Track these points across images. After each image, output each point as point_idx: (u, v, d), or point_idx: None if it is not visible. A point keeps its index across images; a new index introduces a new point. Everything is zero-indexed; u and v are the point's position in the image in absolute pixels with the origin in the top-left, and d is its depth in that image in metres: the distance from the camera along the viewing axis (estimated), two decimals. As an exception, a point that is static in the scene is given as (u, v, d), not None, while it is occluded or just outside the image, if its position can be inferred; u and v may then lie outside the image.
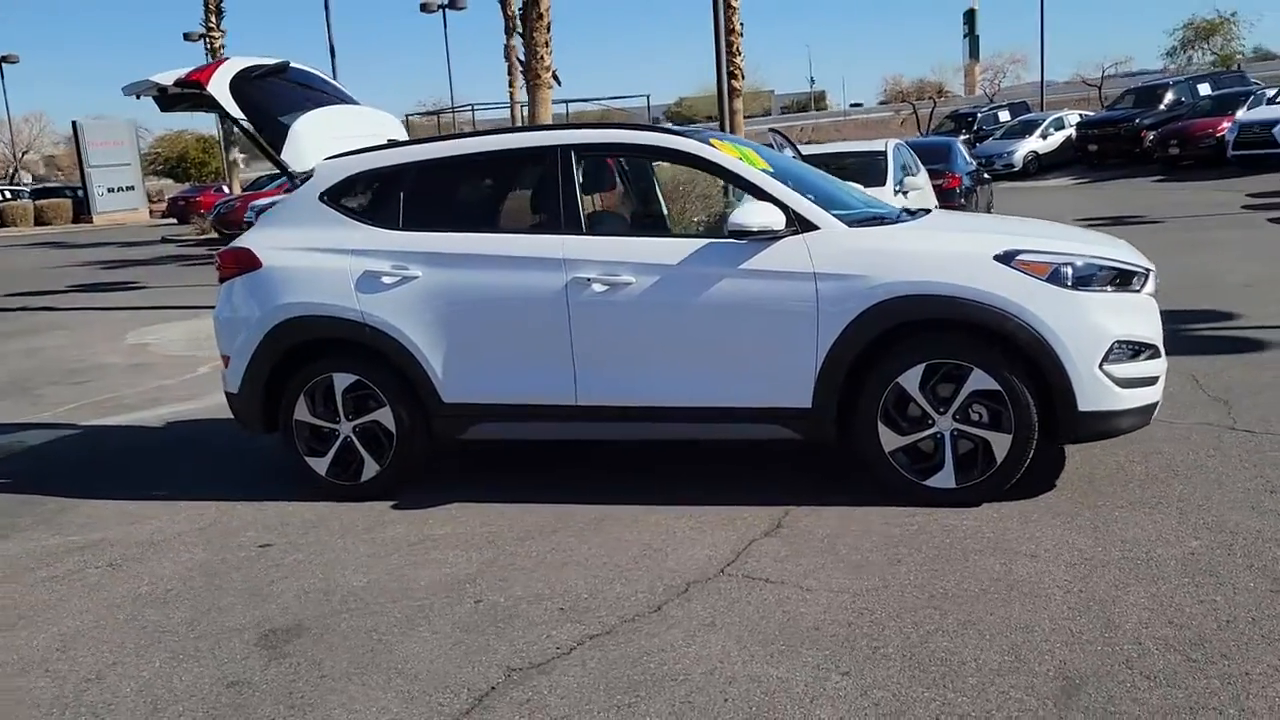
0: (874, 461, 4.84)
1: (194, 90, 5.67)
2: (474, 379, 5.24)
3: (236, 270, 5.61)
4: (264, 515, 5.38)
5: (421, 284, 5.24)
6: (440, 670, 3.59)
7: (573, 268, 5.03)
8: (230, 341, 5.67)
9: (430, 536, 4.90)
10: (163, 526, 5.35)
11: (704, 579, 4.17)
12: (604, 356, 5.05)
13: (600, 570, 4.33)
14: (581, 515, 5.00)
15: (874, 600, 3.87)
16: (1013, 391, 4.60)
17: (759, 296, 4.84)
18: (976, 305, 4.59)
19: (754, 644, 3.60)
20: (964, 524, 4.54)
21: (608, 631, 3.78)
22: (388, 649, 3.78)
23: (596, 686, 3.39)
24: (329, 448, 5.51)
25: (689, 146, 5.15)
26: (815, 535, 4.54)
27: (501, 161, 5.49)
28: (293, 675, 3.64)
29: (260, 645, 3.90)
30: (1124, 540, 4.24)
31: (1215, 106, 26.77)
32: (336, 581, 4.45)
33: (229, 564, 4.75)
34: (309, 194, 5.62)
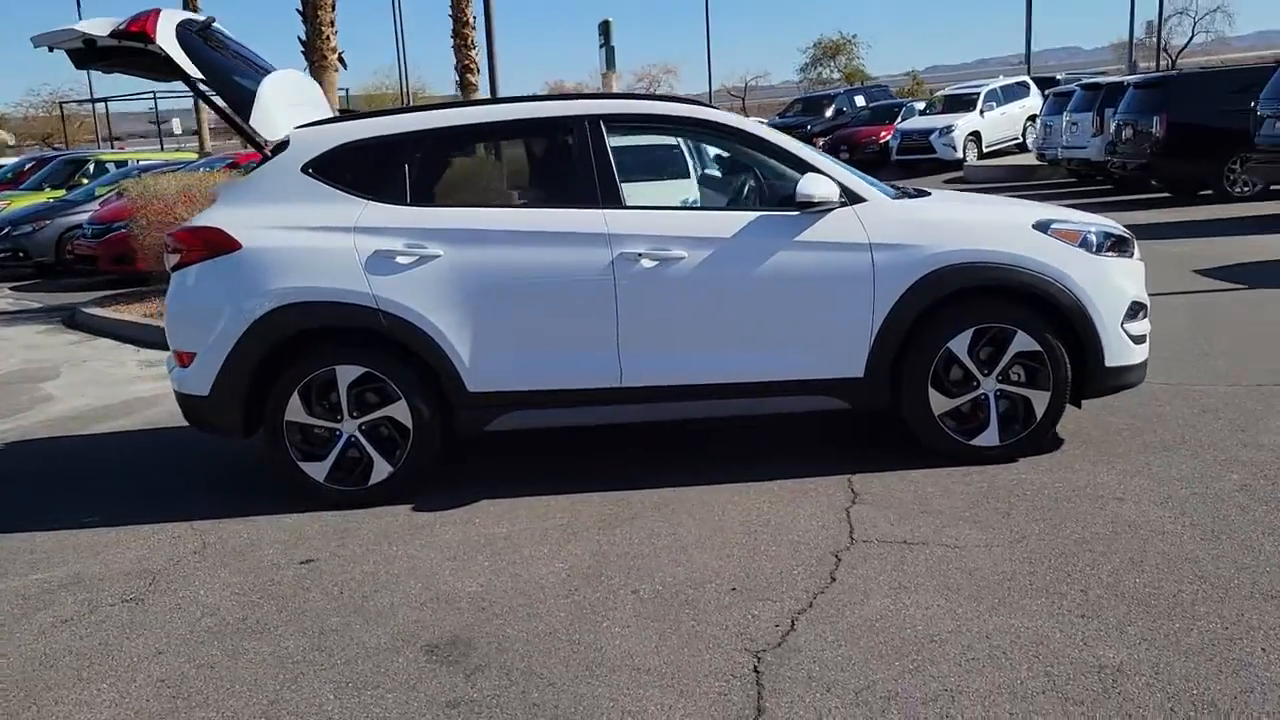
0: (923, 425, 4.99)
1: (136, 43, 4.85)
2: (504, 365, 4.87)
3: (204, 253, 4.86)
4: (264, 531, 4.72)
5: (444, 264, 4.79)
6: (682, 661, 3.33)
7: (619, 243, 4.80)
8: (194, 336, 4.91)
9: (494, 535, 4.51)
10: (145, 554, 4.56)
11: (843, 548, 4.14)
12: (652, 335, 4.86)
13: (731, 551, 4.18)
14: (636, 501, 4.79)
15: (1027, 550, 4.01)
16: (1052, 351, 4.91)
17: (816, 268, 4.85)
18: (1024, 271, 4.86)
19: (962, 600, 3.63)
20: (1025, 477, 4.79)
21: (811, 606, 3.66)
22: (594, 647, 3.46)
23: (857, 659, 3.29)
24: (329, 450, 4.91)
25: (731, 120, 5.08)
26: (901, 499, 4.62)
27: (526, 131, 5.13)
28: (507, 683, 3.26)
29: (436, 661, 3.44)
30: (1178, 479, 4.65)
31: (873, 116, 29.49)
32: (445, 588, 4.00)
33: (283, 584, 4.13)
34: (288, 166, 4.98)
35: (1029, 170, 22.69)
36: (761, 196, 5.26)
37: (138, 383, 8.25)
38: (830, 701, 3.05)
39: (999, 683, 3.09)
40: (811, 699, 3.07)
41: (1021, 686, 3.06)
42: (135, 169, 17.28)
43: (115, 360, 9.26)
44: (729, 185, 6.30)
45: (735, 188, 5.87)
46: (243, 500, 5.12)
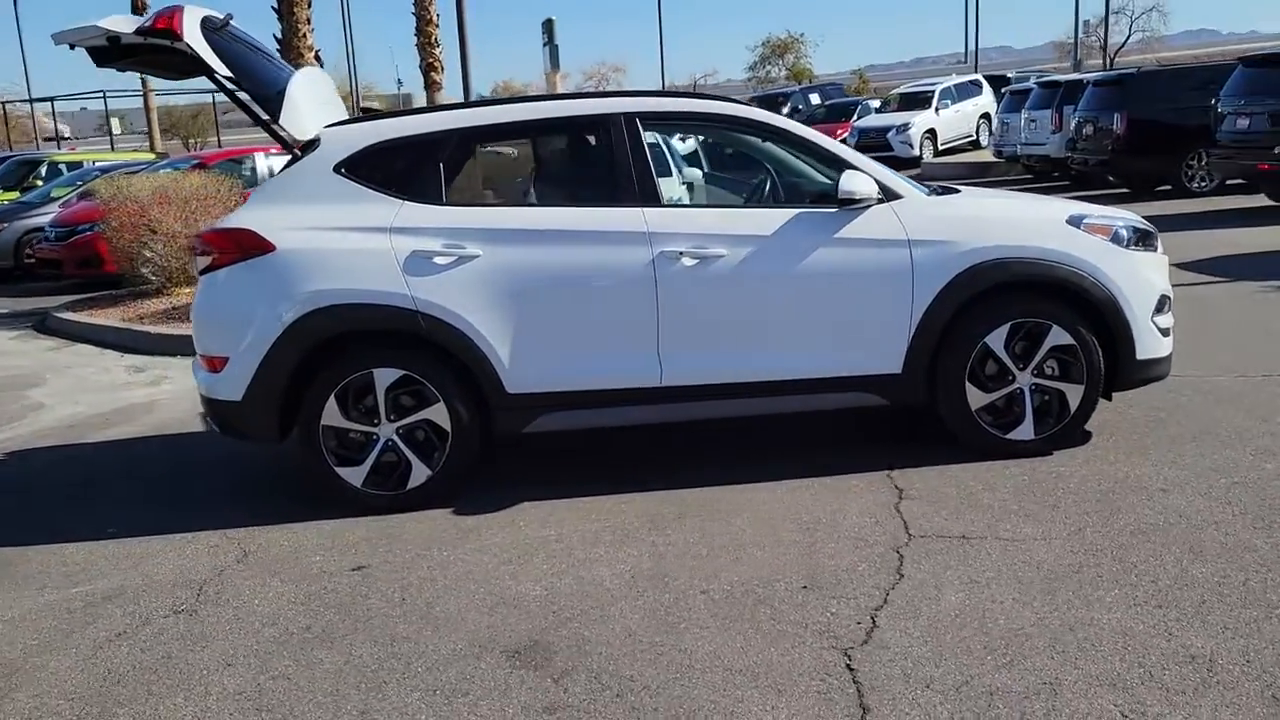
0: (960, 420, 5.02)
1: (162, 41, 4.73)
2: (543, 366, 4.82)
3: (236, 255, 4.76)
4: (303, 538, 4.63)
5: (483, 264, 4.74)
6: (772, 661, 3.32)
7: (659, 241, 4.78)
8: (226, 340, 4.81)
9: (544, 537, 4.46)
10: (186, 564, 4.46)
11: (902, 544, 4.15)
12: (693, 334, 4.84)
13: (790, 549, 4.18)
14: (680, 500, 4.77)
15: (1085, 542, 4.05)
16: (1085, 345, 4.96)
17: (856, 264, 4.86)
18: (1060, 266, 4.91)
19: (1035, 594, 3.65)
20: (1064, 470, 4.84)
21: (886, 602, 3.67)
22: (678, 649, 3.43)
23: (947, 654, 3.30)
24: (366, 455, 4.83)
25: (772, 118, 5.08)
26: (946, 494, 4.64)
27: (562, 129, 5.08)
28: (599, 687, 3.22)
29: (521, 666, 3.39)
30: (1214, 469, 4.72)
31: (829, 114, 29.71)
32: (508, 592, 3.95)
33: (340, 591, 4.06)
34: (319, 166, 4.89)
35: (986, 167, 23.00)
36: (773, 195, 5.26)
37: (130, 389, 8.07)
38: (932, 698, 3.05)
39: (1095, 674, 3.11)
40: (913, 696, 3.07)
41: (1119, 678, 3.09)
42: (94, 170, 16.90)
43: (100, 366, 9.04)
44: (715, 184, 6.30)
45: (724, 186, 5.88)
46: (272, 506, 5.02)
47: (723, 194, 5.45)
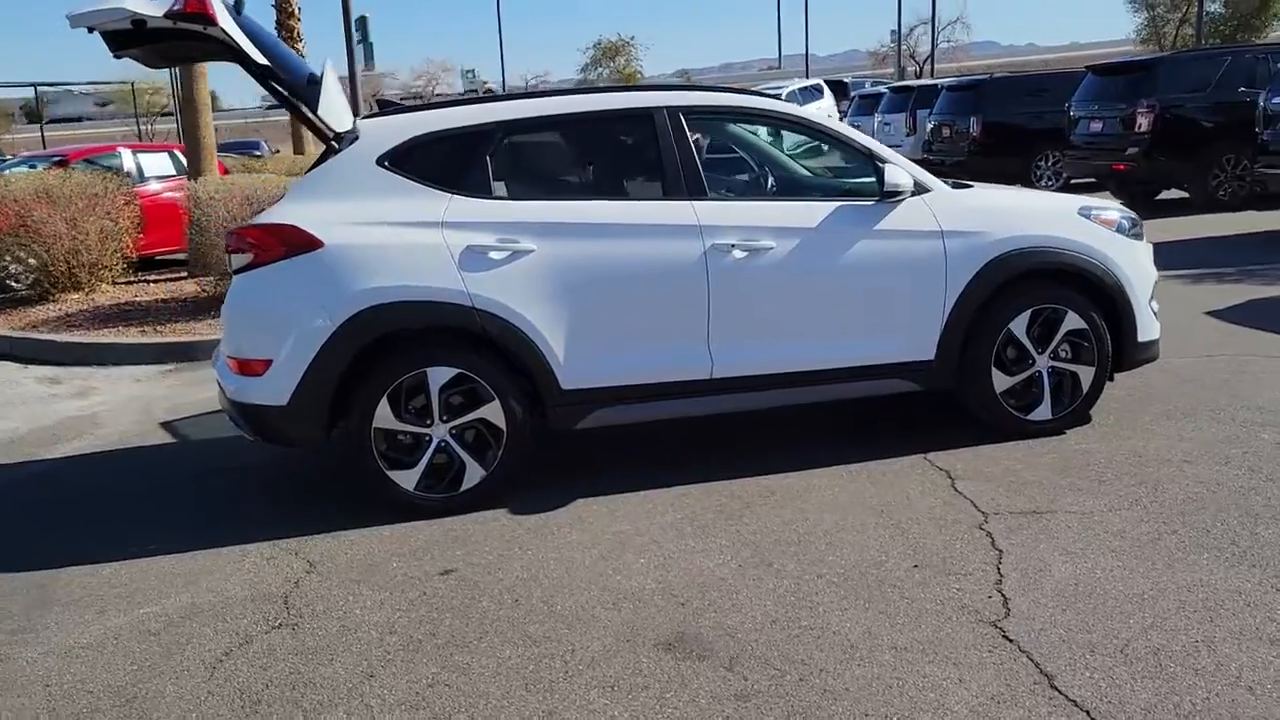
0: (986, 402, 5.25)
1: (193, 26, 4.46)
2: (598, 361, 4.79)
3: (281, 252, 4.53)
4: (367, 545, 4.46)
5: (537, 258, 4.67)
6: (930, 637, 3.42)
7: (711, 234, 4.82)
8: (269, 342, 4.57)
9: (622, 532, 4.44)
10: (253, 578, 4.23)
11: (981, 522, 4.32)
12: (743, 325, 4.90)
13: (876, 532, 4.28)
14: (738, 491, 4.82)
15: (1147, 512, 4.32)
16: (1096, 328, 5.28)
17: (896, 255, 5.03)
18: (1076, 255, 5.20)
19: (1133, 562, 3.87)
20: (1085, 447, 5.13)
21: (1002, 577, 3.82)
22: (831, 630, 3.49)
23: (1092, 621, 3.47)
24: (419, 457, 4.68)
25: (806, 114, 5.18)
26: (992, 473, 4.85)
27: (605, 122, 5.03)
28: (778, 673, 3.24)
29: (685, 657, 3.38)
30: (1219, 440, 5.10)
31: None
32: (621, 587, 3.91)
33: (442, 596, 3.93)
34: (362, 158, 4.71)
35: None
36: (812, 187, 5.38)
37: (56, 401, 7.51)
38: (1103, 660, 3.21)
39: (1237, 630, 3.34)
40: (1085, 660, 3.22)
41: (1260, 631, 3.32)
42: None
43: (5, 379, 8.35)
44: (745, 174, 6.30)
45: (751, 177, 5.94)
46: (311, 513, 4.81)
47: (753, 185, 5.51)
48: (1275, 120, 11.58)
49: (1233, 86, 14.10)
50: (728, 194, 5.08)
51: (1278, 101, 11.56)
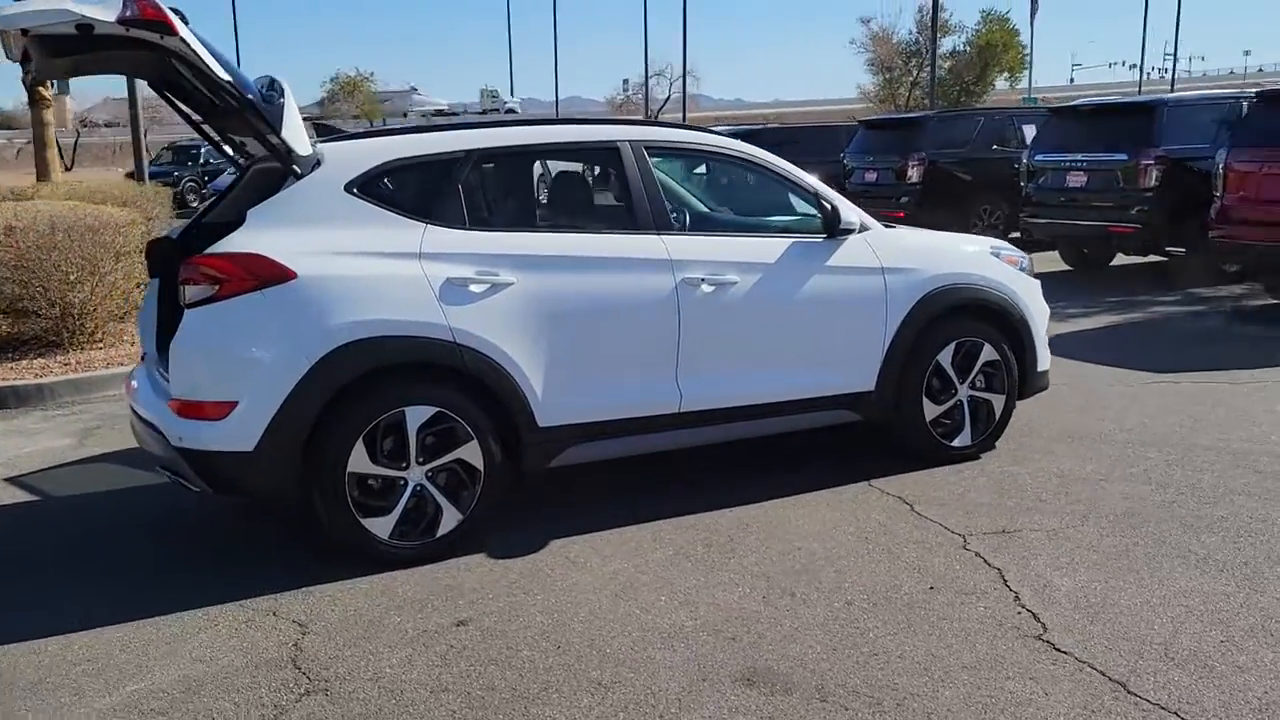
0: (915, 430, 5.52)
1: (148, 34, 4.03)
2: (573, 397, 4.68)
3: (250, 284, 4.16)
4: (354, 601, 4.13)
5: (516, 292, 4.53)
6: (991, 654, 3.55)
7: (681, 268, 4.84)
8: (233, 382, 4.18)
9: (622, 571, 4.34)
10: (245, 644, 3.82)
11: (962, 545, 4.53)
12: (708, 359, 4.94)
13: (872, 558, 4.40)
14: (712, 525, 4.81)
15: (1104, 528, 4.67)
16: (1006, 359, 5.68)
17: (844, 290, 5.22)
18: (992, 291, 5.59)
19: (1127, 574, 4.17)
20: (1008, 470, 5.48)
21: (1017, 595, 4.03)
22: (897, 654, 3.56)
23: (1124, 627, 3.72)
24: (394, 502, 4.40)
25: (757, 152, 5.30)
26: (939, 497, 5.10)
27: (574, 154, 4.95)
28: (873, 701, 3.28)
29: (774, 691, 3.35)
30: (1116, 460, 5.57)
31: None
32: (660, 627, 3.82)
33: (474, 648, 3.71)
34: (329, 185, 4.41)
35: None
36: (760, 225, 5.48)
37: None
38: (1159, 665, 3.45)
39: (1248, 629, 3.67)
40: (1142, 665, 3.45)
41: (1267, 629, 3.67)
42: None
43: None
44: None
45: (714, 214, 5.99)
46: (265, 569, 4.42)
47: (716, 222, 5.55)
48: (1037, 175, 12.84)
49: (987, 144, 15.53)
50: (685, 228, 5.10)
51: (1039, 158, 12.82)
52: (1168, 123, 11.69)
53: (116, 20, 3.96)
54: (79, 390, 7.84)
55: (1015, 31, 37.31)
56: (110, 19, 3.95)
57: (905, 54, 37.75)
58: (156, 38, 4.04)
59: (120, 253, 8.70)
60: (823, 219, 5.24)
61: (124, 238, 8.74)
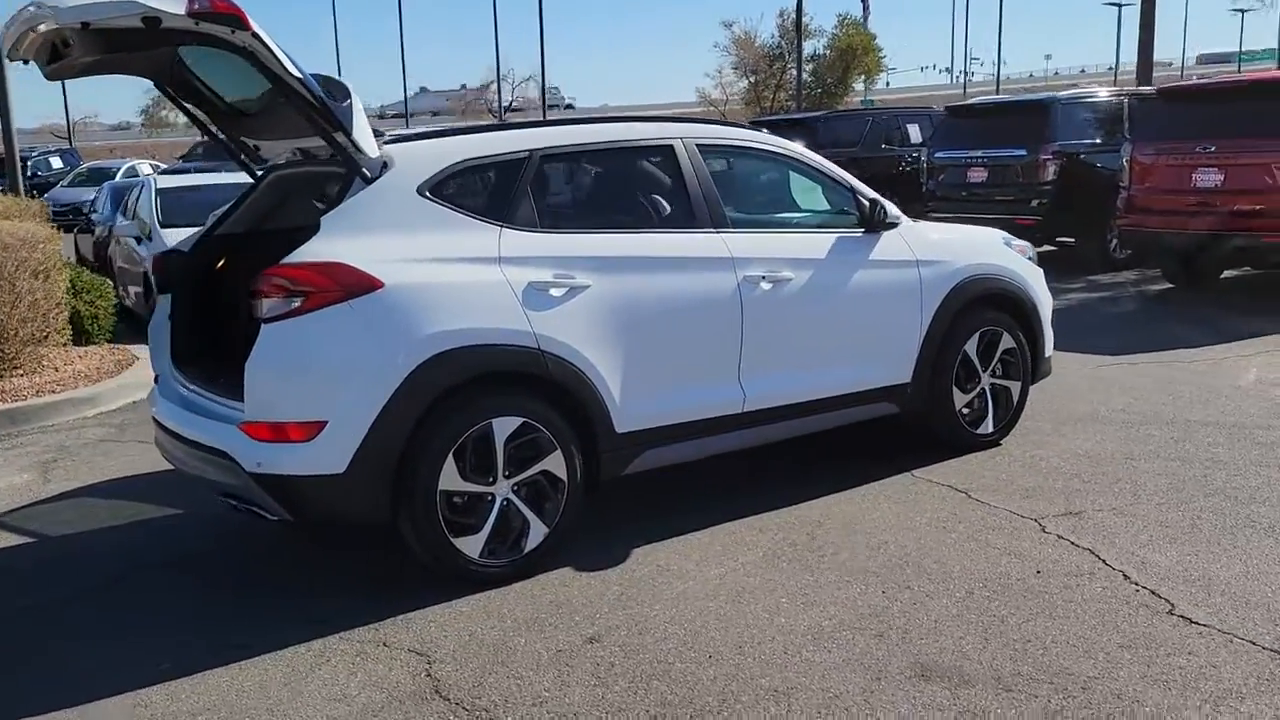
0: (946, 420, 5.61)
1: (218, 29, 3.73)
2: (647, 401, 4.57)
3: (337, 295, 3.89)
4: (464, 625, 3.92)
5: (593, 295, 4.39)
6: (1142, 633, 3.63)
7: (742, 266, 4.80)
8: (322, 400, 3.91)
9: (724, 575, 4.26)
10: (365, 679, 3.56)
11: (1040, 529, 4.62)
12: (768, 357, 4.90)
13: (961, 547, 4.44)
14: (783, 522, 4.78)
15: (1160, 504, 4.84)
16: (1021, 347, 5.84)
17: (885, 284, 5.27)
18: (1010, 281, 5.74)
19: (1202, 546, 4.35)
20: (1036, 454, 5.64)
21: (1123, 572, 4.14)
22: (1055, 640, 3.59)
23: (1249, 596, 3.86)
24: (483, 519, 4.20)
25: (801, 151, 5.29)
26: (992, 484, 5.19)
27: (632, 152, 4.80)
28: (1053, 688, 3.30)
29: (955, 684, 3.33)
30: (1130, 440, 5.80)
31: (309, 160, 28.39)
32: (798, 627, 3.76)
33: (621, 665, 3.56)
34: (402, 188, 4.18)
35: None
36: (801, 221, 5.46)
37: None
38: (1294, 628, 3.59)
39: (1354, 588, 3.87)
40: (1282, 630, 3.59)
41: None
42: None
43: None
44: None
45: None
46: (346, 598, 4.15)
47: (761, 218, 5.48)
48: (937, 171, 13.30)
49: (877, 143, 16.00)
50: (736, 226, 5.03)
51: (939, 156, 13.28)
52: (1061, 120, 12.28)
53: (186, 13, 3.65)
54: (13, 422, 7.20)
55: (873, 35, 38.80)
56: (180, 11, 3.64)
57: (769, 57, 38.69)
58: (228, 32, 3.74)
59: (38, 270, 8.04)
60: (860, 214, 5.27)
61: (41, 254, 8.09)
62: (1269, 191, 9.22)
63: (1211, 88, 10.82)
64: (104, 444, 6.75)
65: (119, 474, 6.09)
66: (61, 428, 7.18)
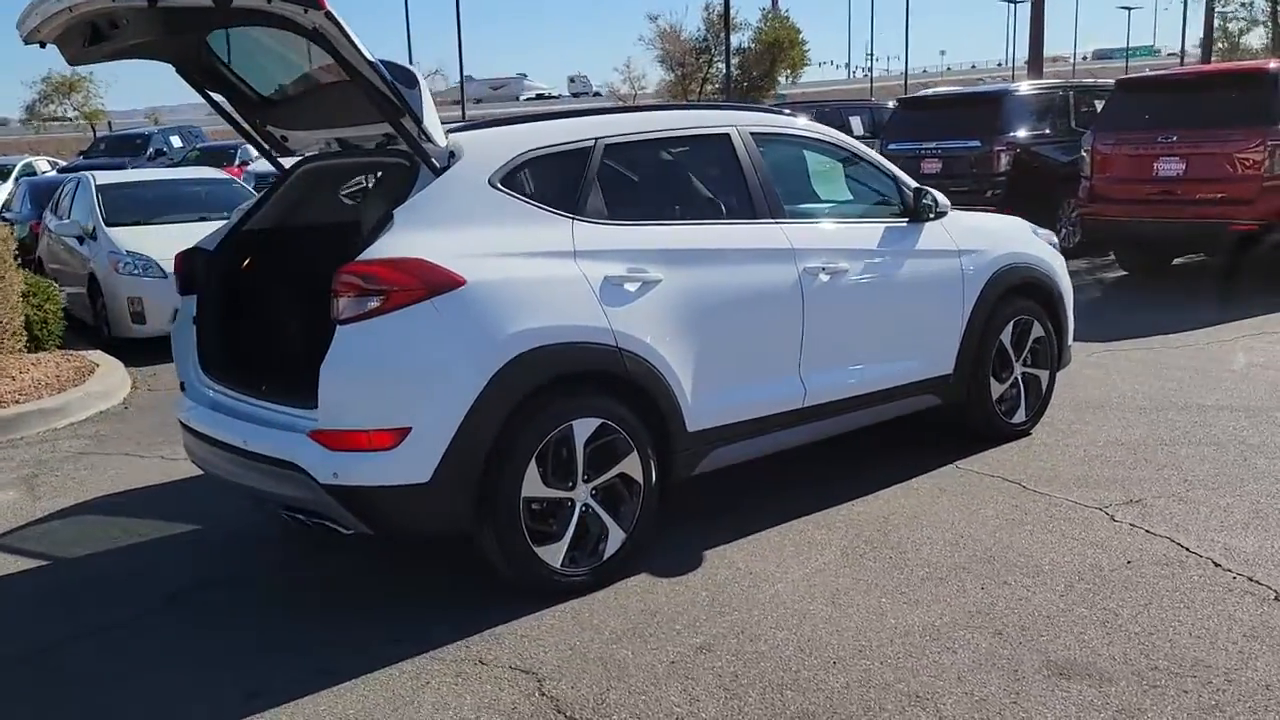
0: (983, 410, 5.56)
1: (291, 9, 3.46)
2: (716, 398, 4.42)
3: (420, 293, 3.65)
4: (548, 642, 3.72)
5: (665, 289, 4.22)
6: (1251, 619, 3.61)
7: (801, 257, 4.68)
8: (407, 405, 3.67)
9: (809, 575, 4.13)
10: (480, 703, 3.35)
11: (1110, 519, 4.59)
12: (826, 350, 4.79)
13: (1047, 539, 4.38)
14: (848, 518, 4.68)
15: (1215, 489, 4.86)
16: (1049, 335, 5.84)
17: (931, 274, 5.20)
18: (1039, 270, 5.72)
19: (1273, 526, 4.38)
20: (1071, 442, 5.63)
21: (1213, 560, 4.13)
22: (1177, 628, 3.55)
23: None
24: (564, 526, 4.00)
25: (847, 140, 5.19)
26: (1037, 474, 5.15)
27: (690, 141, 4.62)
28: (1205, 680, 3.26)
29: (1095, 681, 3.26)
30: (1155, 425, 5.84)
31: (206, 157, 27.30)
32: (911, 627, 3.65)
33: (743, 673, 3.41)
34: (473, 180, 3.95)
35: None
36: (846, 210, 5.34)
37: None
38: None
39: None
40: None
41: None
42: None
43: None
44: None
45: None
46: (419, 614, 3.91)
47: (810, 208, 5.33)
48: (889, 162, 13.34)
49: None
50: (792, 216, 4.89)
51: (893, 148, 13.31)
52: (1012, 112, 12.45)
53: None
54: (-26, 436, 6.72)
55: (798, 30, 39.03)
56: (259, -6, 3.36)
57: (695, 51, 38.65)
58: (300, 12, 3.48)
59: (-10, 273, 7.54)
60: (903, 203, 5.19)
61: (-4, 256, 7.59)
62: (1231, 180, 9.44)
63: (1172, 79, 11.07)
64: (85, 457, 6.33)
65: (112, 489, 5.70)
66: (32, 440, 6.72)
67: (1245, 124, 9.39)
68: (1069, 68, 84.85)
